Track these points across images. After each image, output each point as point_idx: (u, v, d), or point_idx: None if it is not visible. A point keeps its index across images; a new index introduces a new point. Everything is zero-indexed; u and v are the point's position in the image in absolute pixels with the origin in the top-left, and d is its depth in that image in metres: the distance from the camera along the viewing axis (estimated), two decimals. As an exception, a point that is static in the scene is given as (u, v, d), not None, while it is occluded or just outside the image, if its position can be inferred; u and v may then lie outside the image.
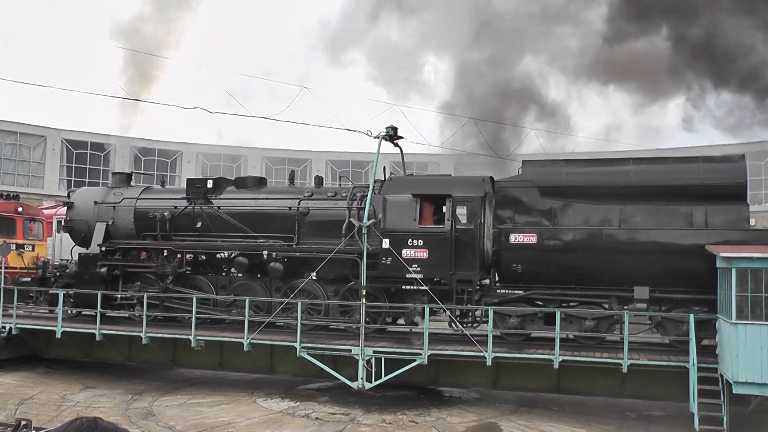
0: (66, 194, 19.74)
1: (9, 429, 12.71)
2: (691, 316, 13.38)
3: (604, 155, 27.43)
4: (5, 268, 18.36)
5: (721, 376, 13.03)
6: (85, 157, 37.90)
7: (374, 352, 14.67)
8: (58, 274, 18.96)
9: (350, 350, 14.89)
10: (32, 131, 38.08)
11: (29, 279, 19.21)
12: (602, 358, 14.08)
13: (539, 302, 15.49)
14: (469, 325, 15.80)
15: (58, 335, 17.26)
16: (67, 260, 19.41)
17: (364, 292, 14.79)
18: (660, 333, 15.10)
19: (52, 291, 18.07)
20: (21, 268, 20.36)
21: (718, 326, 13.41)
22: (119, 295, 17.68)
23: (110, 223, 18.32)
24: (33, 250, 21.49)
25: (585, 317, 14.75)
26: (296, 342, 15.14)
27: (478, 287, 15.40)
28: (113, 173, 20.27)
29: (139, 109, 20.11)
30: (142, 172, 30.65)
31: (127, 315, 18.08)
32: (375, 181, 16.24)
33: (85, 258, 17.94)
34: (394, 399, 16.12)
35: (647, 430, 14.12)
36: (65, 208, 19.41)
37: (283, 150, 40.11)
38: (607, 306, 15.09)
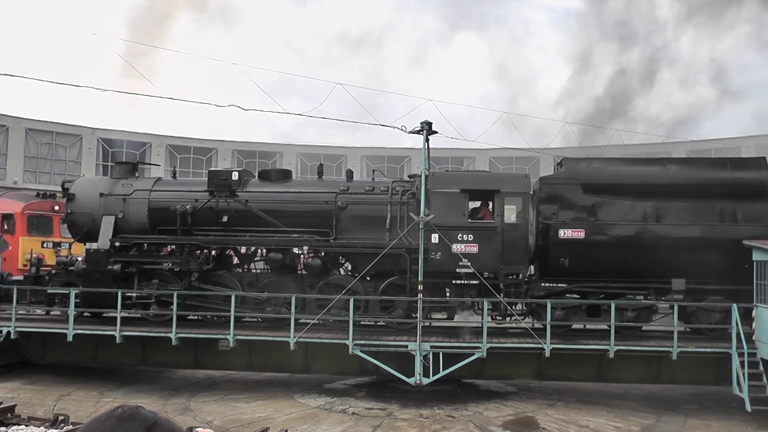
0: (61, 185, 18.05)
1: (47, 424, 11.81)
2: (734, 306, 14.36)
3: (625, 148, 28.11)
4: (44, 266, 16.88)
5: (762, 360, 14.12)
6: (120, 155, 36.29)
7: (431, 347, 14.63)
8: (54, 272, 17.39)
9: (406, 346, 14.76)
10: (68, 131, 37.53)
11: (21, 278, 17.50)
12: (651, 347, 14.82)
13: (577, 295, 16.03)
14: (511, 318, 16.08)
15: (70, 338, 15.88)
16: (67, 256, 17.83)
17: (420, 287, 14.71)
18: (692, 321, 16.03)
19: (63, 291, 16.53)
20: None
21: (756, 314, 14.49)
22: (135, 294, 16.47)
23: (120, 216, 17.02)
24: (69, 248, 19.91)
25: (627, 308, 15.45)
26: (348, 339, 14.83)
27: (526, 281, 15.74)
28: (116, 163, 18.88)
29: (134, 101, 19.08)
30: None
31: (139, 315, 16.91)
32: (413, 176, 16.20)
33: (95, 254, 16.54)
34: (430, 393, 16.09)
35: (685, 424, 14.52)
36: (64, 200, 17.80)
37: (319, 146, 39.63)
38: (641, 297, 15.91)
